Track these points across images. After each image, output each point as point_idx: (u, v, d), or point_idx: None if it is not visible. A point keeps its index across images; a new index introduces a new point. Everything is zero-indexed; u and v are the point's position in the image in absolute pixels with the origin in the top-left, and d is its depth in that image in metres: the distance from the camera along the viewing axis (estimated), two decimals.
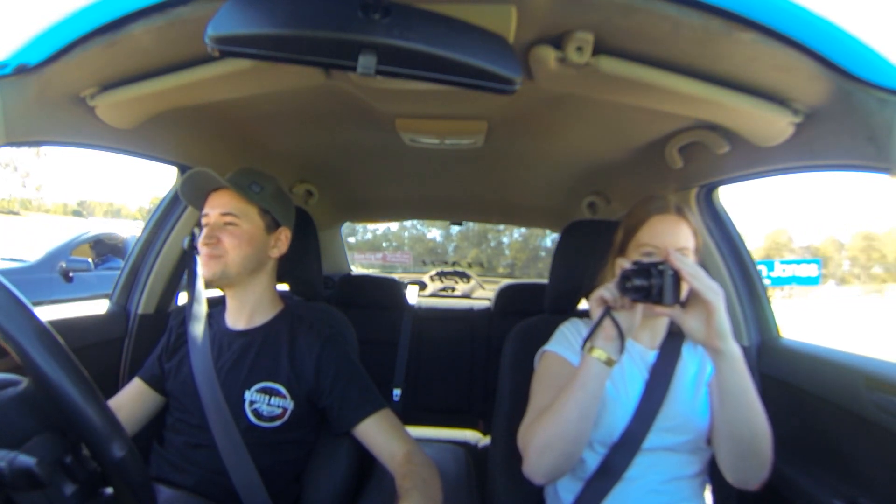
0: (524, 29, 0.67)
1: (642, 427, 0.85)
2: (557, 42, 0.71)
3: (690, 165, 1.15)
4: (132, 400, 1.01)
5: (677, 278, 0.74)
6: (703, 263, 1.19)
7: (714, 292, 0.74)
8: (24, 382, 0.53)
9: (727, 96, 0.75)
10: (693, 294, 0.75)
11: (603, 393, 0.83)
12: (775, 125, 0.80)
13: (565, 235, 1.18)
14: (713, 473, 0.92)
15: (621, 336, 0.78)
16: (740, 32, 0.62)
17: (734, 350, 0.76)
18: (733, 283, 1.19)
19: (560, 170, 1.57)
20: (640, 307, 0.79)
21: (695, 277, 0.74)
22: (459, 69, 0.62)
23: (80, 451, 0.53)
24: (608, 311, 0.79)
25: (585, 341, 0.81)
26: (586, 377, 0.78)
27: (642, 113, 0.93)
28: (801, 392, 0.99)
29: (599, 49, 0.71)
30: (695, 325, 0.76)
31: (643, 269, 0.76)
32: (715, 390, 0.81)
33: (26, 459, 0.46)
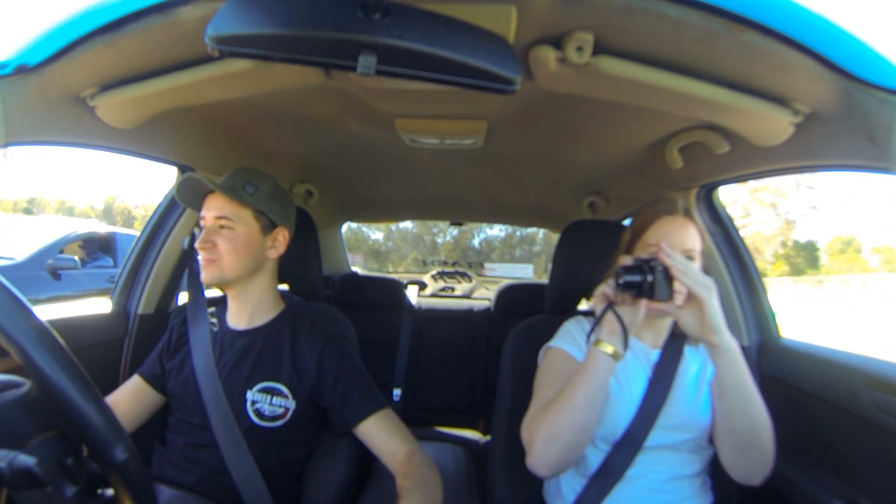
0: (524, 29, 0.67)
1: (645, 424, 0.86)
2: (557, 42, 0.71)
3: (690, 165, 1.15)
4: (130, 397, 1.01)
5: (669, 274, 0.76)
6: (705, 263, 1.20)
7: (706, 288, 0.75)
8: (27, 385, 0.53)
9: (727, 96, 0.75)
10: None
11: (607, 389, 0.84)
12: (775, 125, 0.80)
13: (565, 235, 1.18)
14: (714, 473, 0.92)
15: (625, 331, 0.80)
16: (741, 32, 0.62)
17: (730, 344, 0.77)
18: (733, 282, 1.19)
19: (560, 170, 1.57)
20: (642, 304, 0.81)
21: (684, 274, 0.75)
22: (459, 69, 0.62)
23: (80, 453, 0.53)
24: (610, 305, 0.81)
25: (590, 335, 0.83)
26: (593, 369, 0.79)
27: (642, 113, 0.93)
28: (801, 392, 0.99)
29: (599, 49, 0.71)
30: (689, 320, 0.78)
31: (636, 266, 0.78)
32: (714, 385, 0.81)
33: (26, 459, 0.46)
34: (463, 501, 1.32)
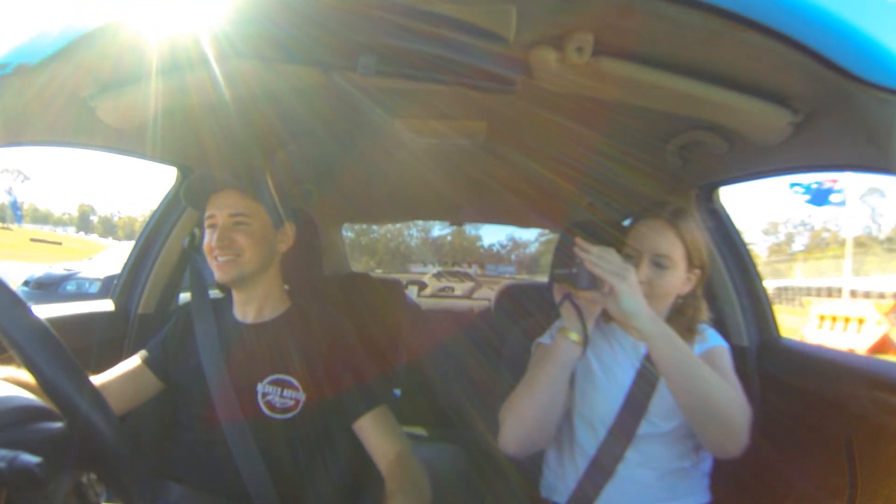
0: (524, 29, 0.67)
1: (635, 413, 0.88)
2: (557, 42, 0.71)
3: (690, 166, 1.15)
4: (126, 379, 0.99)
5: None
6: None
7: (617, 276, 0.79)
8: (62, 424, 0.53)
9: (727, 96, 0.76)
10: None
11: (593, 378, 0.91)
12: (774, 125, 0.80)
13: (565, 236, 1.18)
14: (713, 472, 0.93)
15: (581, 319, 0.86)
16: (740, 32, 0.62)
17: (650, 328, 0.79)
18: (733, 282, 1.18)
19: (560, 170, 1.57)
20: (598, 295, 0.85)
21: (596, 265, 0.80)
22: (459, 69, 0.62)
23: (91, 477, 0.54)
24: (567, 296, 0.88)
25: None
26: (556, 351, 0.87)
27: (642, 113, 0.93)
28: (801, 392, 0.99)
29: (599, 49, 0.71)
30: (613, 307, 0.82)
31: (565, 259, 0.85)
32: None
33: (27, 459, 0.46)
34: (462, 501, 1.32)
